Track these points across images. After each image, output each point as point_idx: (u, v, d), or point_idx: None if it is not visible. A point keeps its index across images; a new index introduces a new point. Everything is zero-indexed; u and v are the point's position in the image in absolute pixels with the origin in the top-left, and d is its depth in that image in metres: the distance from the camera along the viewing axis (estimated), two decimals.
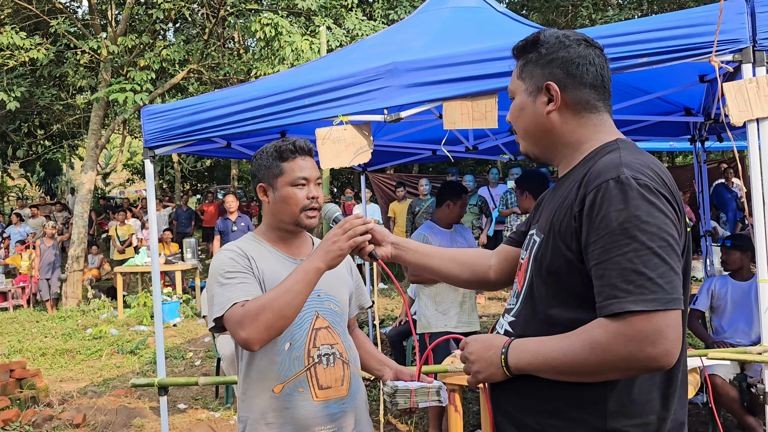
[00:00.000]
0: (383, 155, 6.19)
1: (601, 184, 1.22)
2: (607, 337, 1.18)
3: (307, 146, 1.96)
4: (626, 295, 1.16)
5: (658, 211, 1.19)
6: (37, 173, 26.72)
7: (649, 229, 1.18)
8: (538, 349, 1.29)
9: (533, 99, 1.42)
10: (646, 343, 1.15)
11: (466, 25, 3.95)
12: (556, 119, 1.40)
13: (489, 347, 1.37)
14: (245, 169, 26.13)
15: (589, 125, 1.40)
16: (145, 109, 3.81)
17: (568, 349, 1.23)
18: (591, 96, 1.39)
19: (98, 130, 11.32)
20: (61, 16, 11.23)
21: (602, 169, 1.26)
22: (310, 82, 3.36)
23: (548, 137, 1.42)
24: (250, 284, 1.82)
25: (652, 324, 1.15)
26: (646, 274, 1.16)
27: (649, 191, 1.20)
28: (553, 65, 1.38)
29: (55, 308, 10.98)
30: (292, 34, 9.64)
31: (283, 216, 1.95)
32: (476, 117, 3.08)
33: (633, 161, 1.25)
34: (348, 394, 1.94)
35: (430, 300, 4.16)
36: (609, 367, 1.20)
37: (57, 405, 5.46)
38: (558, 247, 1.30)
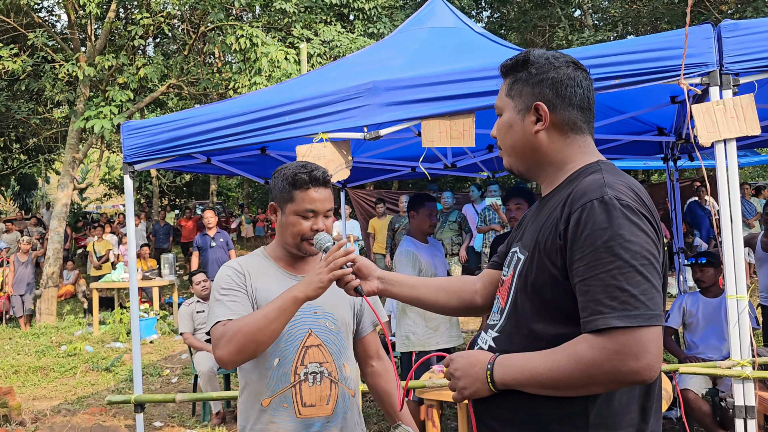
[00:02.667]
0: (363, 172, 6.24)
1: (586, 204, 1.26)
2: (592, 352, 1.21)
3: (323, 177, 1.95)
4: (610, 311, 1.20)
5: (640, 230, 1.24)
6: (11, 187, 26.32)
7: (632, 248, 1.21)
8: (523, 364, 1.31)
9: (522, 117, 1.45)
10: (630, 358, 1.19)
11: (445, 46, 4.03)
12: (543, 138, 1.43)
13: (474, 363, 1.39)
14: (224, 185, 26.01)
15: (574, 146, 1.44)
16: (126, 125, 3.81)
17: (554, 364, 1.26)
18: (578, 117, 1.43)
19: (75, 144, 11.22)
20: (39, 30, 11.16)
21: (586, 189, 1.30)
22: (290, 99, 3.41)
23: (534, 155, 1.46)
24: (239, 302, 1.87)
25: (635, 339, 1.18)
26: (629, 291, 1.20)
27: (631, 212, 1.24)
28: (542, 85, 1.42)
29: (28, 325, 10.77)
30: (268, 45, 9.65)
31: (286, 239, 1.99)
32: (454, 135, 3.14)
33: (615, 182, 1.30)
34: (333, 413, 1.93)
35: (419, 317, 4.11)
36: (593, 381, 1.23)
37: (30, 423, 5.36)
38: (543, 264, 1.33)
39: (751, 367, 2.76)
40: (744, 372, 2.76)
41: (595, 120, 4.52)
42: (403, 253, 4.15)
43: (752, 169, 22.56)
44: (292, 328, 1.92)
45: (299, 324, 1.93)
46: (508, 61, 1.50)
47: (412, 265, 4.10)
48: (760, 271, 4.94)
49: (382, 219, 10.65)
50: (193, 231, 16.49)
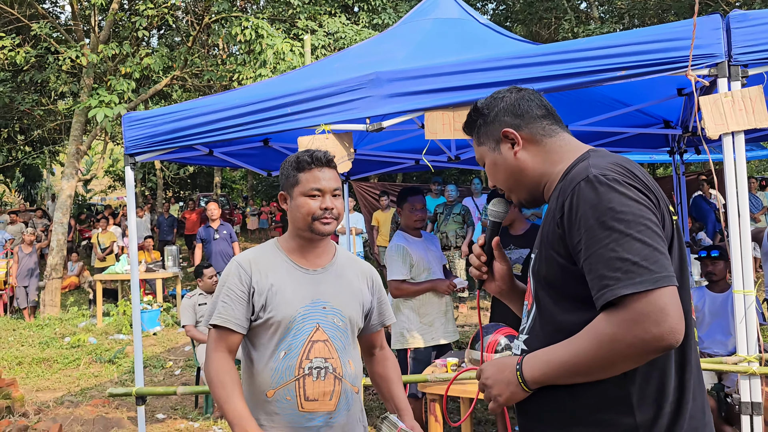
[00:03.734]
0: (366, 164, 6.21)
1: (575, 188, 1.29)
2: (610, 327, 1.20)
3: (325, 158, 2.01)
4: (615, 282, 1.19)
5: (630, 199, 1.24)
6: (16, 179, 26.40)
7: (624, 218, 1.22)
8: (548, 357, 1.31)
9: (498, 151, 1.51)
10: (650, 324, 1.16)
11: (449, 37, 3.98)
12: (524, 157, 1.49)
13: (503, 368, 1.39)
14: (228, 177, 26.02)
15: (555, 148, 1.48)
16: (127, 116, 3.79)
17: (577, 349, 1.25)
18: (544, 123, 1.49)
19: (79, 136, 11.21)
20: (43, 20, 11.13)
21: (574, 175, 1.33)
22: (292, 90, 3.37)
23: (526, 176, 1.50)
24: (233, 307, 1.96)
25: (650, 304, 1.17)
26: (630, 260, 1.19)
27: (617, 183, 1.25)
28: (499, 116, 1.50)
29: (32, 316, 10.81)
30: (273, 37, 9.61)
31: (298, 223, 2.02)
32: (458, 127, 3.10)
33: (600, 162, 1.32)
34: (336, 409, 1.95)
35: (413, 313, 4.02)
36: (621, 356, 1.21)
37: (33, 415, 5.36)
38: (550, 256, 1.35)
39: (757, 363, 2.72)
40: (750, 368, 2.72)
41: (600, 112, 4.45)
42: (393, 249, 4.04)
43: (758, 162, 22.42)
44: (302, 322, 1.95)
45: (308, 318, 1.95)
46: (465, 121, 1.60)
47: (402, 260, 3.98)
48: (766, 266, 4.89)
49: (386, 212, 10.63)
50: (197, 223, 16.49)
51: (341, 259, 2.12)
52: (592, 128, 4.72)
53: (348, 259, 2.15)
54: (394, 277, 3.98)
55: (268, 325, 1.95)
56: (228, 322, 1.95)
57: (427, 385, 3.33)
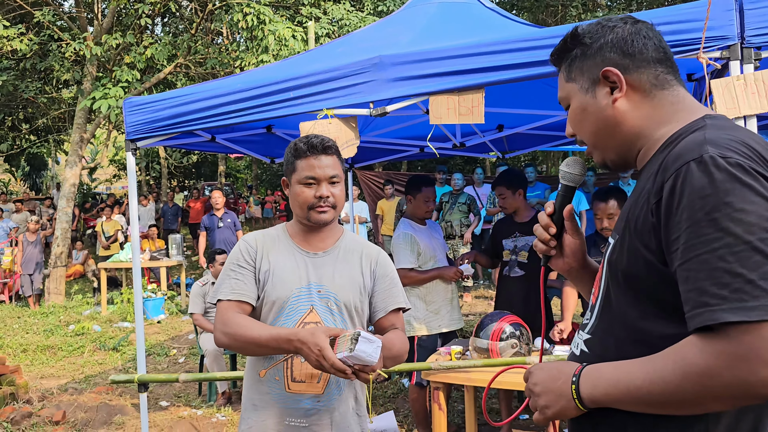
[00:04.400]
0: (370, 152, 6.16)
1: (681, 168, 1.01)
2: (704, 357, 0.94)
3: (321, 144, 1.97)
4: (720, 302, 0.93)
5: (756, 194, 0.95)
6: (21, 168, 26.44)
7: (745, 219, 0.94)
8: (617, 376, 1.07)
9: (593, 94, 1.23)
10: (759, 364, 0.90)
11: (454, 21, 3.92)
12: (624, 107, 1.20)
13: (557, 376, 1.16)
14: (233, 166, 26.01)
15: (665, 105, 1.19)
16: (128, 101, 3.74)
17: (656, 374, 1.00)
18: (658, 71, 1.19)
19: (83, 124, 11.18)
20: (46, 8, 11.07)
21: (682, 150, 1.04)
22: (295, 75, 3.32)
23: (620, 132, 1.22)
24: (242, 281, 1.96)
25: (763, 339, 0.90)
26: (744, 275, 0.92)
27: (743, 171, 0.97)
28: (604, 51, 1.21)
29: (37, 304, 10.84)
30: (275, 23, 9.55)
31: (296, 211, 2.03)
32: (463, 112, 3.05)
33: (721, 137, 1.03)
34: (324, 392, 1.92)
35: (419, 301, 4.01)
36: (710, 395, 0.95)
37: (37, 402, 5.37)
38: (635, 248, 1.09)
39: None
40: None
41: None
42: (400, 237, 4.02)
43: None
44: (296, 303, 1.94)
45: (302, 300, 1.94)
46: (556, 46, 1.30)
47: (411, 248, 3.96)
48: None
49: (391, 201, 10.59)
50: (201, 212, 16.48)
51: (347, 242, 2.08)
52: None
53: (354, 243, 2.10)
54: (401, 266, 3.95)
55: (264, 304, 1.97)
56: (242, 296, 1.95)
57: (431, 373, 3.29)
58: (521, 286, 4.03)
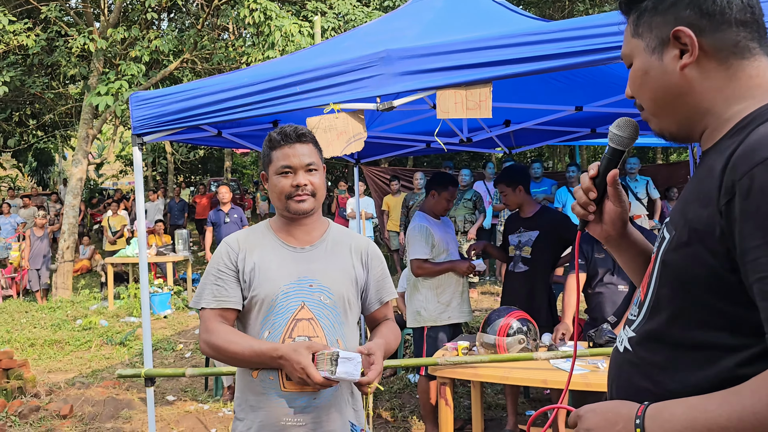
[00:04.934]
0: (377, 147, 6.14)
1: (758, 166, 0.88)
2: None
3: (295, 133, 1.95)
4: None
5: None
6: (29, 163, 26.54)
7: None
8: (693, 416, 0.92)
9: (659, 56, 1.07)
10: None
11: (462, 15, 3.90)
12: (693, 75, 1.04)
13: (615, 421, 1.02)
14: (239, 162, 26.04)
15: (742, 77, 1.02)
16: (134, 95, 3.74)
17: (745, 409, 0.86)
18: (740, 36, 1.02)
19: (90, 120, 11.21)
20: (53, 3, 11.09)
21: (758, 144, 0.90)
22: (301, 69, 3.31)
23: (685, 103, 1.07)
24: (223, 286, 1.94)
25: None
26: None
27: None
28: (679, 7, 1.04)
29: (44, 299, 10.89)
30: (282, 18, 9.54)
31: (276, 203, 2.00)
32: (470, 106, 3.03)
33: None
34: (319, 390, 1.87)
35: (431, 292, 4.08)
36: None
37: (44, 395, 5.40)
38: (695, 250, 0.97)
39: None
40: None
41: (613, 94, 4.32)
42: (416, 228, 4.10)
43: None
44: (285, 300, 1.90)
45: (292, 296, 1.90)
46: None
47: (426, 240, 4.04)
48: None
49: (397, 196, 10.57)
50: (208, 207, 16.50)
51: (335, 234, 2.06)
52: (609, 109, 4.63)
53: (342, 235, 2.08)
54: (416, 256, 4.04)
55: (253, 304, 1.93)
56: (226, 302, 1.94)
57: (438, 368, 3.29)
58: (525, 282, 4.05)
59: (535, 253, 4.03)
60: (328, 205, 17.70)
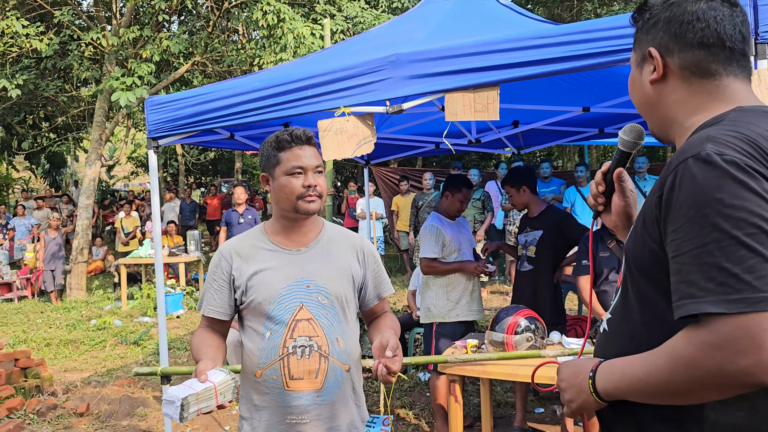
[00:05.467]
0: (386, 148, 6.20)
1: (680, 164, 1.05)
2: (689, 347, 1.00)
3: (305, 135, 2.00)
4: (705, 295, 0.98)
5: (748, 191, 0.98)
6: (42, 165, 26.79)
7: (734, 214, 0.97)
8: (624, 369, 1.13)
9: (640, 70, 1.27)
10: (736, 353, 0.95)
11: (469, 18, 3.95)
12: (662, 90, 1.23)
13: (578, 372, 1.24)
14: (249, 163, 26.17)
15: (701, 93, 1.19)
16: (149, 100, 3.82)
17: (652, 366, 1.06)
18: (701, 58, 1.17)
19: (102, 122, 11.34)
20: (65, 7, 11.24)
21: (686, 146, 1.08)
22: (312, 73, 3.37)
23: (656, 112, 1.26)
24: (215, 296, 2.03)
25: (741, 329, 0.95)
26: (728, 269, 0.96)
27: (736, 168, 0.99)
28: (656, 28, 1.22)
29: (59, 299, 11.03)
30: (294, 21, 9.63)
31: (282, 204, 2.01)
32: (478, 109, 3.09)
33: (724, 134, 1.05)
34: (323, 387, 1.93)
35: (441, 290, 4.17)
36: (698, 384, 1.00)
37: (61, 394, 5.50)
38: (644, 238, 1.14)
39: None
40: None
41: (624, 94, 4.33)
42: (427, 228, 4.19)
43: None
44: (284, 302, 1.95)
45: (291, 298, 1.95)
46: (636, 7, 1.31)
47: (436, 240, 4.12)
48: None
49: (406, 196, 10.63)
50: (218, 208, 16.61)
51: (329, 234, 2.10)
52: (617, 110, 4.67)
53: (337, 234, 2.13)
54: (426, 255, 4.15)
55: (252, 308, 1.98)
56: (210, 312, 2.03)
57: (447, 366, 3.35)
58: (530, 280, 4.16)
59: (539, 253, 4.13)
60: (338, 205, 17.77)
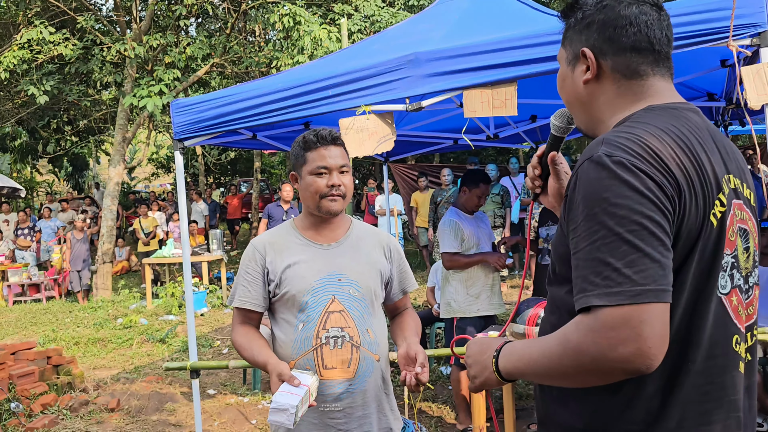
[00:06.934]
0: (405, 145, 6.26)
1: (580, 166, 1.12)
2: (576, 335, 1.07)
3: (330, 136, 2.08)
4: (593, 289, 1.05)
5: (632, 190, 1.04)
6: (65, 168, 27.22)
7: (618, 212, 1.04)
8: (523, 351, 1.21)
9: (572, 68, 1.30)
10: (617, 342, 1.01)
11: (487, 15, 4.00)
12: (593, 89, 1.27)
13: (485, 350, 1.30)
14: (268, 162, 26.34)
15: (628, 94, 1.24)
16: (174, 102, 3.93)
17: (546, 349, 1.13)
18: (633, 60, 1.22)
19: (125, 125, 11.54)
20: (87, 13, 11.44)
21: (587, 149, 1.14)
22: (333, 73, 3.45)
23: (586, 110, 1.31)
24: (248, 288, 2.10)
25: (621, 319, 1.01)
26: (611, 264, 1.03)
27: (623, 168, 1.06)
28: (590, 29, 1.25)
29: (86, 299, 11.26)
30: (311, 24, 9.72)
31: (308, 202, 2.11)
32: (496, 105, 3.14)
33: (618, 137, 1.11)
34: (355, 376, 2.01)
35: (461, 285, 4.21)
36: (582, 369, 1.07)
37: (92, 390, 5.65)
38: (559, 232, 1.23)
39: None
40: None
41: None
42: (445, 223, 4.25)
43: None
44: (317, 295, 2.03)
45: (323, 291, 2.04)
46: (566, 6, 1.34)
47: (455, 235, 4.17)
48: None
49: (425, 193, 10.68)
50: (239, 208, 16.78)
51: (357, 231, 2.20)
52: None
53: (364, 231, 2.22)
54: (446, 250, 4.21)
55: (285, 300, 2.06)
56: (246, 303, 2.10)
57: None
58: None
59: None
60: (357, 202, 17.86)
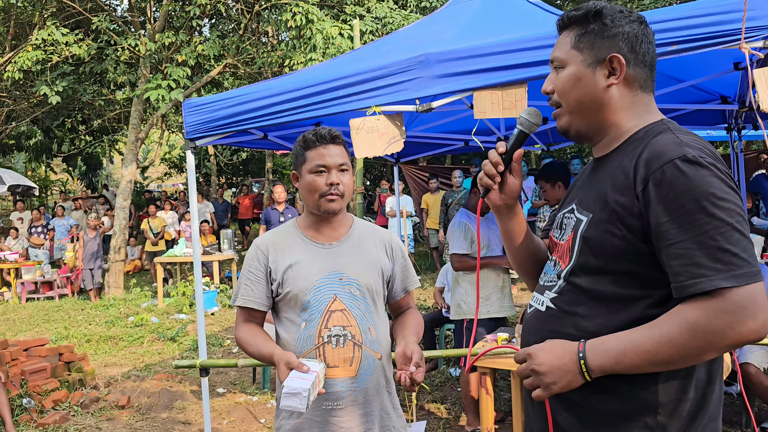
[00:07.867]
0: (415, 146, 6.27)
1: (667, 164, 1.23)
2: (706, 316, 1.18)
3: (330, 134, 2.09)
4: (715, 273, 1.18)
5: (728, 187, 1.21)
6: (78, 167, 27.47)
7: (726, 206, 1.19)
8: (623, 344, 1.26)
9: (593, 70, 1.39)
10: (747, 317, 1.16)
11: (497, 16, 4.00)
12: (614, 93, 1.39)
13: (561, 355, 1.32)
14: (279, 163, 26.44)
15: (640, 104, 1.40)
16: (187, 102, 3.95)
17: (663, 337, 1.22)
18: (647, 75, 1.40)
19: (138, 124, 11.63)
20: (102, 13, 11.55)
21: (663, 149, 1.26)
22: (343, 74, 3.46)
23: (601, 112, 1.40)
24: (251, 287, 2.12)
25: (749, 297, 1.16)
26: (731, 251, 1.18)
27: (717, 169, 1.22)
28: (618, 38, 1.37)
29: (98, 297, 11.35)
30: (323, 22, 9.75)
31: (308, 201, 2.13)
32: (506, 106, 3.14)
33: (691, 142, 1.27)
34: (357, 374, 2.02)
35: (471, 286, 4.21)
36: (711, 346, 1.19)
37: (103, 387, 5.70)
38: (615, 227, 1.30)
39: None
40: None
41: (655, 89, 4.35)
42: (455, 225, 4.25)
43: None
44: (319, 294, 2.05)
45: (325, 290, 2.05)
46: (574, 12, 1.43)
47: (464, 236, 4.16)
48: None
49: (435, 194, 10.68)
50: (250, 208, 16.85)
51: (359, 230, 2.20)
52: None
53: (366, 229, 2.23)
54: (455, 251, 4.20)
55: (287, 300, 2.08)
56: (249, 302, 2.12)
57: (477, 358, 3.40)
58: None
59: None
60: (369, 203, 17.87)
